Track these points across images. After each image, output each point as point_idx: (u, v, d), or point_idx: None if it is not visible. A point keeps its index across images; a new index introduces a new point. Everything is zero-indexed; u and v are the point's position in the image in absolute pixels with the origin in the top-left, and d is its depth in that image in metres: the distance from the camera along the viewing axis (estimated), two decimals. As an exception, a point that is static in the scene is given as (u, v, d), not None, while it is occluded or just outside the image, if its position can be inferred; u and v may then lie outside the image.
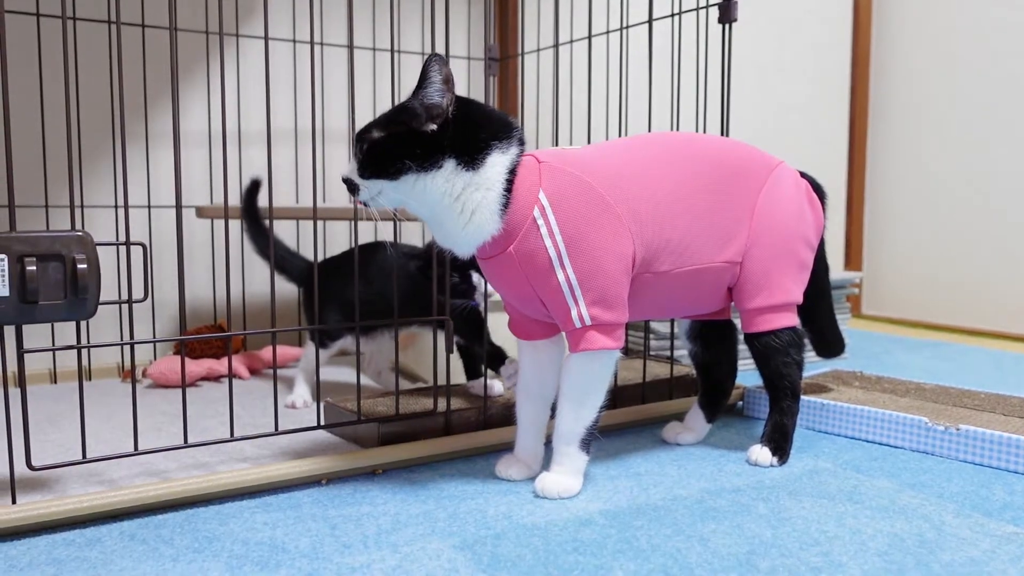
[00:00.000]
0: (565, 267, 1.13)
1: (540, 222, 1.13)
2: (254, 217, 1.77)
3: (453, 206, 1.13)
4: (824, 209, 1.42)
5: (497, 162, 1.13)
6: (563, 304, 1.15)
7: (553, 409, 1.25)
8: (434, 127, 1.10)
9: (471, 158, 1.12)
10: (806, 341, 1.46)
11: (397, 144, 1.11)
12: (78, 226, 1.12)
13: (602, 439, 1.47)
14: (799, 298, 1.35)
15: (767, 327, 1.32)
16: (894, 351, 2.45)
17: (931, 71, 2.94)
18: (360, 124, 1.17)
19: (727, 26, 1.54)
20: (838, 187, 3.17)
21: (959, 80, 2.85)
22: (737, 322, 1.41)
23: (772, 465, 1.34)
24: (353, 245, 1.38)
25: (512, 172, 1.14)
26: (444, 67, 1.10)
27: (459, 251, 1.18)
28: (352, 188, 1.15)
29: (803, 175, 1.40)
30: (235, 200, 2.14)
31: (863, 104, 3.15)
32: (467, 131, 1.12)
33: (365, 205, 1.16)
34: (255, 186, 1.77)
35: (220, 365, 1.96)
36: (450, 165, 1.11)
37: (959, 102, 2.85)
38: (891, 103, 3.09)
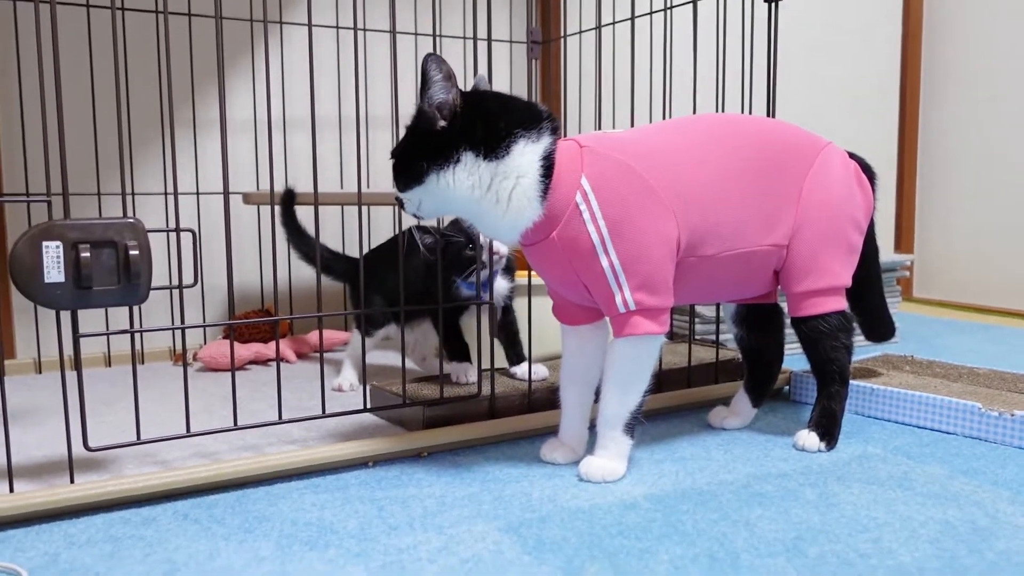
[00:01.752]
0: (609, 252, 1.13)
1: (583, 207, 1.12)
2: (294, 226, 1.82)
3: (487, 197, 1.13)
4: (874, 190, 1.39)
5: (526, 150, 1.13)
6: (607, 289, 1.15)
7: (597, 393, 1.25)
8: (444, 124, 1.12)
9: (492, 148, 1.12)
10: (855, 325, 1.43)
11: (415, 149, 1.13)
12: (129, 213, 1.14)
13: (647, 423, 1.47)
14: (847, 281, 1.32)
15: (814, 311, 1.30)
16: (946, 335, 2.40)
17: (987, 43, 2.86)
18: (403, 109, 1.18)
19: (773, 4, 1.52)
20: (889, 167, 3.10)
21: (1018, 52, 2.76)
22: (784, 305, 1.40)
23: (820, 450, 1.32)
24: (396, 230, 1.39)
25: (548, 159, 1.13)
26: (443, 64, 1.11)
27: (503, 239, 1.18)
28: (401, 203, 1.18)
29: (852, 156, 1.38)
30: (280, 186, 2.17)
31: (915, 80, 3.08)
32: (481, 121, 1.12)
33: (416, 217, 1.19)
34: (290, 197, 1.81)
35: (268, 349, 1.99)
36: (468, 157, 1.12)
37: (1018, 75, 2.76)
38: (945, 78, 3.01)
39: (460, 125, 1.12)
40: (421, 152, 1.12)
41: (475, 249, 1.48)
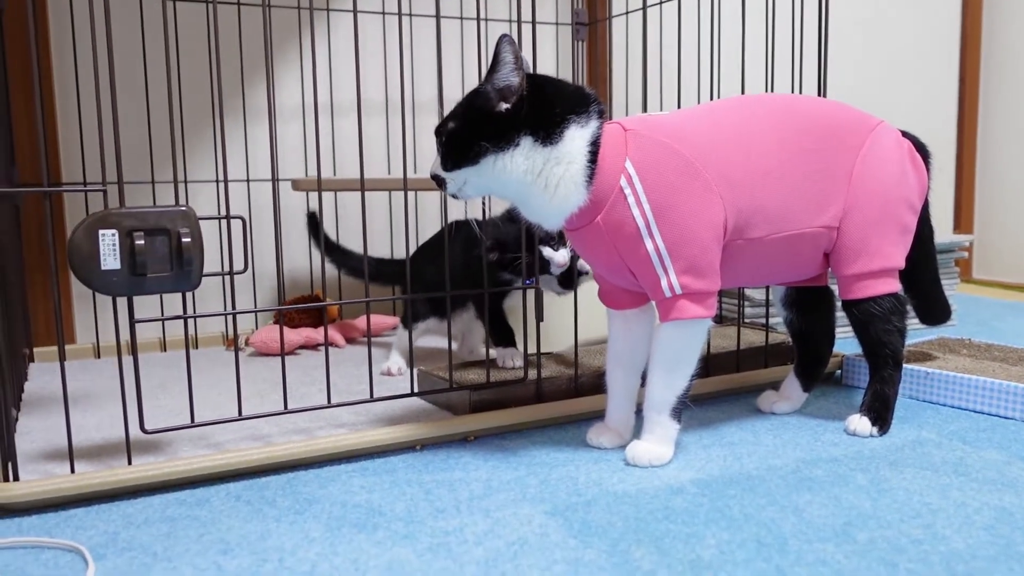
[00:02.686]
0: (654, 236, 1.12)
1: (627, 191, 1.12)
2: (329, 246, 1.89)
3: (536, 182, 1.13)
4: (928, 170, 1.36)
5: (576, 136, 1.12)
6: (652, 273, 1.14)
7: (644, 378, 1.25)
8: (507, 107, 1.11)
9: (548, 133, 1.12)
10: (909, 307, 1.41)
11: (473, 129, 1.12)
12: (182, 201, 1.17)
13: (694, 408, 1.46)
14: (900, 263, 1.30)
15: (866, 293, 1.28)
16: (1006, 317, 2.34)
17: (1051, 19, 2.76)
18: (448, 94, 1.19)
19: (825, -20, 1.49)
20: (947, 145, 3.03)
21: (1082, 27, 2.67)
22: (835, 288, 1.38)
23: (872, 435, 1.30)
24: (443, 217, 1.40)
25: (595, 144, 1.13)
26: (514, 47, 1.11)
27: (547, 224, 1.18)
28: (440, 183, 1.17)
29: (905, 134, 1.35)
30: (328, 172, 2.20)
31: (974, 55, 2.99)
32: (541, 107, 1.12)
33: (455, 197, 1.18)
34: (313, 222, 1.89)
35: (317, 334, 2.02)
36: (527, 142, 1.12)
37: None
38: (1006, 52, 2.92)
39: (525, 110, 1.11)
40: (478, 133, 1.12)
41: (532, 257, 1.49)
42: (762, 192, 1.19)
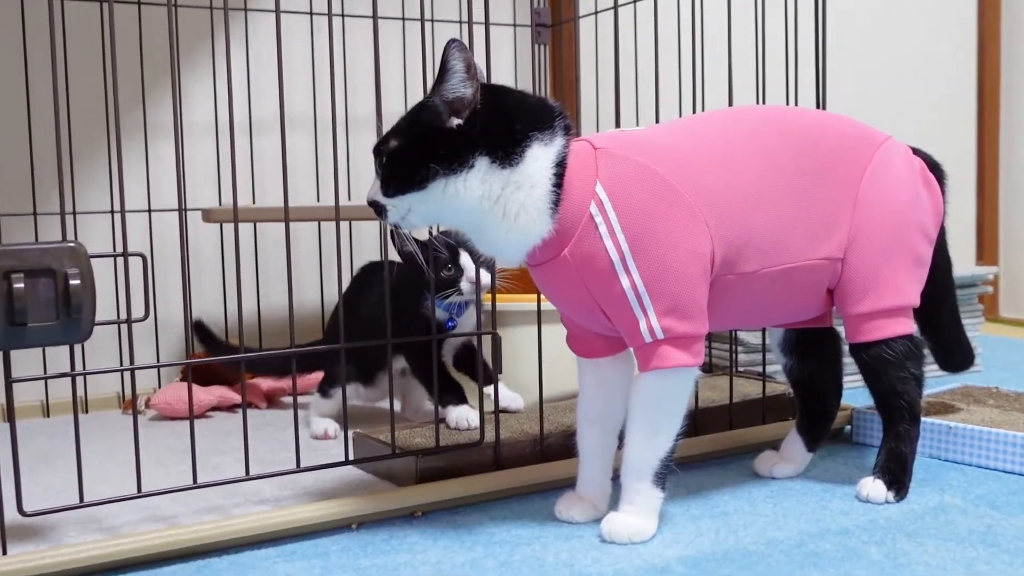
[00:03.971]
0: (630, 270, 1.14)
1: (598, 219, 1.14)
2: (217, 345, 1.98)
3: (494, 210, 1.14)
4: (943, 192, 1.40)
5: (539, 155, 1.14)
6: (629, 315, 1.16)
7: (621, 438, 1.26)
8: (459, 122, 1.13)
9: (507, 153, 1.13)
10: (926, 352, 1.44)
11: (419, 149, 1.14)
12: (70, 236, 1.16)
13: (681, 472, 1.46)
14: (915, 300, 1.33)
15: (877, 336, 1.31)
16: (1039, 361, 2.40)
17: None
18: (389, 107, 1.20)
19: (820, -24, 1.54)
20: (966, 164, 3.11)
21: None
22: (840, 330, 1.40)
23: (887, 502, 1.32)
24: (382, 250, 1.41)
25: (561, 164, 1.15)
26: (465, 53, 1.13)
27: (505, 259, 1.20)
28: (380, 210, 1.18)
29: (916, 151, 1.39)
30: (246, 200, 2.19)
31: (994, 59, 3.08)
32: (499, 122, 1.14)
33: (396, 227, 1.20)
34: (200, 329, 1.97)
35: (234, 392, 2.00)
36: (483, 163, 1.13)
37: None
38: (1029, 60, 3.02)
39: (480, 126, 1.13)
40: (426, 153, 1.13)
41: (454, 269, 1.55)
42: (754, 219, 1.21)
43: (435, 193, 1.14)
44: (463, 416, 1.54)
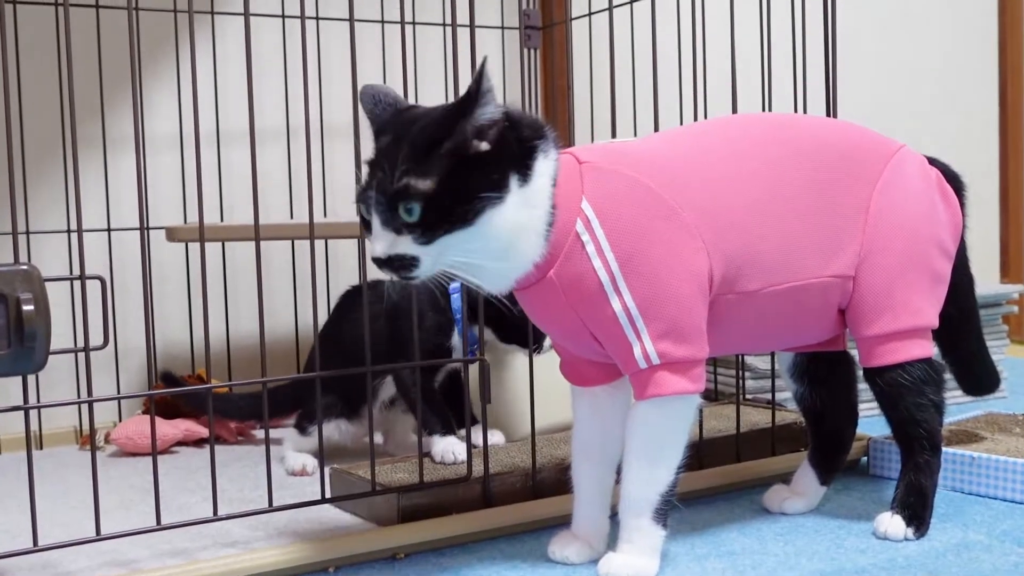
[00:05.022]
0: (621, 292, 1.15)
1: (585, 238, 1.14)
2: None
3: (514, 235, 1.12)
4: (963, 205, 1.41)
5: (543, 170, 1.14)
6: (622, 340, 1.16)
7: (619, 473, 1.26)
8: (487, 146, 1.10)
9: (525, 169, 1.12)
10: (947, 376, 1.44)
11: (461, 181, 1.09)
12: (22, 257, 1.16)
13: (684, 508, 1.47)
14: (933, 321, 1.34)
15: (892, 359, 1.31)
16: (1069, 386, 2.41)
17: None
18: (366, 116, 1.20)
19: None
20: (989, 175, 3.12)
21: None
22: (855, 353, 1.41)
23: (907, 539, 1.33)
24: (361, 271, 1.41)
25: (555, 180, 1.15)
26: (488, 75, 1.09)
27: (495, 287, 1.17)
28: (406, 266, 1.10)
29: (932, 161, 1.40)
30: (213, 217, 2.20)
31: (1016, 62, 3.11)
32: (513, 135, 1.13)
33: (411, 280, 1.12)
34: (170, 379, 1.94)
35: (200, 426, 2.00)
36: (515, 184, 1.11)
37: None
38: (1054, 62, 3.05)
39: (509, 146, 1.11)
40: (470, 184, 1.09)
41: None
42: (756, 234, 1.22)
43: (482, 228, 1.09)
44: (449, 449, 1.54)
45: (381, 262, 1.11)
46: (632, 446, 1.20)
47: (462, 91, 1.17)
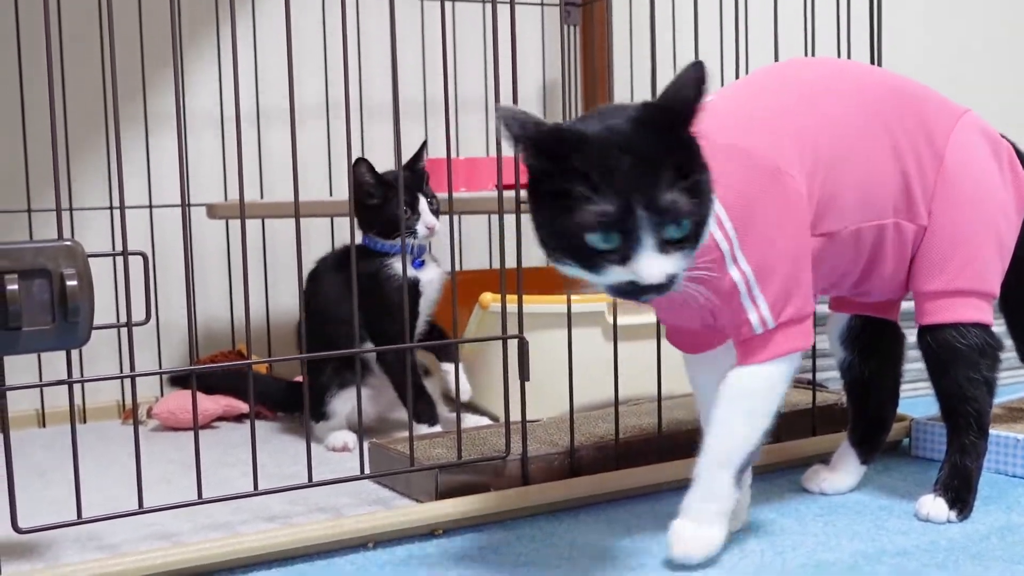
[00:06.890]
0: (739, 262, 1.14)
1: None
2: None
3: None
4: None
5: None
6: (739, 308, 1.16)
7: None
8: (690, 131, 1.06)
9: None
10: (1002, 355, 1.40)
11: (700, 191, 1.05)
12: (66, 234, 1.17)
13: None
14: (995, 289, 1.32)
15: (947, 317, 1.30)
16: (1118, 368, 2.37)
17: None
18: (406, 93, 1.19)
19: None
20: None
21: None
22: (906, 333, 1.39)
23: (949, 521, 1.32)
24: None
25: None
26: None
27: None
28: (666, 285, 1.04)
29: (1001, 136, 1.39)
30: (253, 195, 2.21)
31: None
32: None
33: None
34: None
35: (241, 401, 2.02)
36: None
37: None
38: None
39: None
40: (703, 193, 1.05)
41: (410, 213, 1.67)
42: (840, 174, 1.23)
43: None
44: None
45: (653, 287, 1.04)
46: (736, 402, 1.18)
47: (502, 68, 1.16)
